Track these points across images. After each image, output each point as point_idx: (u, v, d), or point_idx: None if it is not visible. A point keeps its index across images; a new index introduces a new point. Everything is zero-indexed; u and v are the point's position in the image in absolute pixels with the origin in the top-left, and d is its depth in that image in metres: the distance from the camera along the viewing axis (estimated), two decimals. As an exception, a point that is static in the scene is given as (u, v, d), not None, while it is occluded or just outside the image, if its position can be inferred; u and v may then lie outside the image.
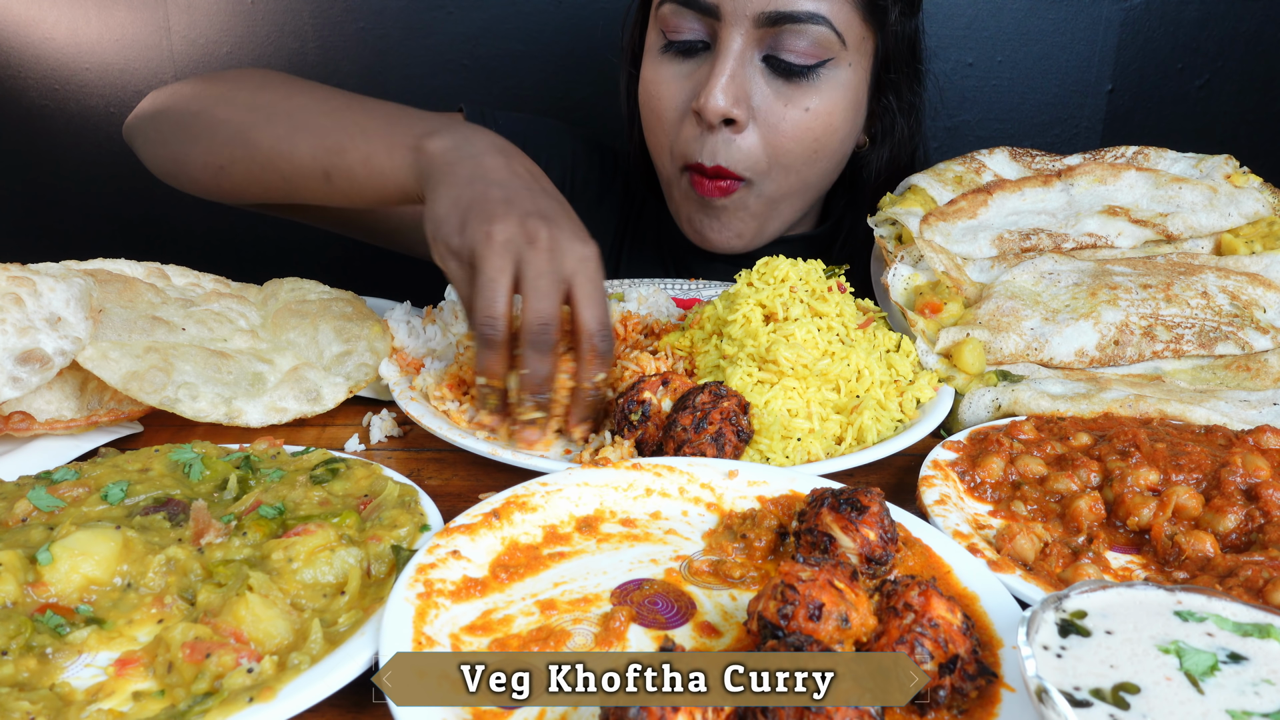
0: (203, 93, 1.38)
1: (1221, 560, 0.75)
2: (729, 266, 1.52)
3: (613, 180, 1.71)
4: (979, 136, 2.22)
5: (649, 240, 1.71)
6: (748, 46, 1.34)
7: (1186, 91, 2.21)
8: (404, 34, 2.18)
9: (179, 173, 1.40)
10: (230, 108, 1.33)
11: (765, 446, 0.96)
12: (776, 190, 1.44)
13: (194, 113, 1.36)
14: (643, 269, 1.71)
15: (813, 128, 1.38)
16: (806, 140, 1.39)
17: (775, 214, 1.49)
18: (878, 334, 1.14)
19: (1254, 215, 1.34)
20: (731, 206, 1.44)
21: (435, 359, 1.19)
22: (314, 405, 1.11)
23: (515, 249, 0.93)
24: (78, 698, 0.61)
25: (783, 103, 1.36)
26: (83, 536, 0.72)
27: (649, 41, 1.47)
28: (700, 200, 1.45)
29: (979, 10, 2.15)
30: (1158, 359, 1.17)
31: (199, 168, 1.35)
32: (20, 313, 1.01)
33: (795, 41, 1.32)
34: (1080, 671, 0.54)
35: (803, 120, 1.37)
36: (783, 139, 1.38)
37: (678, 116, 1.42)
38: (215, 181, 1.35)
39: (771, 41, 1.33)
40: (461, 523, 0.77)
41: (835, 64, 1.36)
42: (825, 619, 0.59)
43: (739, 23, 1.32)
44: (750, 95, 1.35)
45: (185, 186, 1.43)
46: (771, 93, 1.36)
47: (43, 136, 2.33)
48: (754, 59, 1.35)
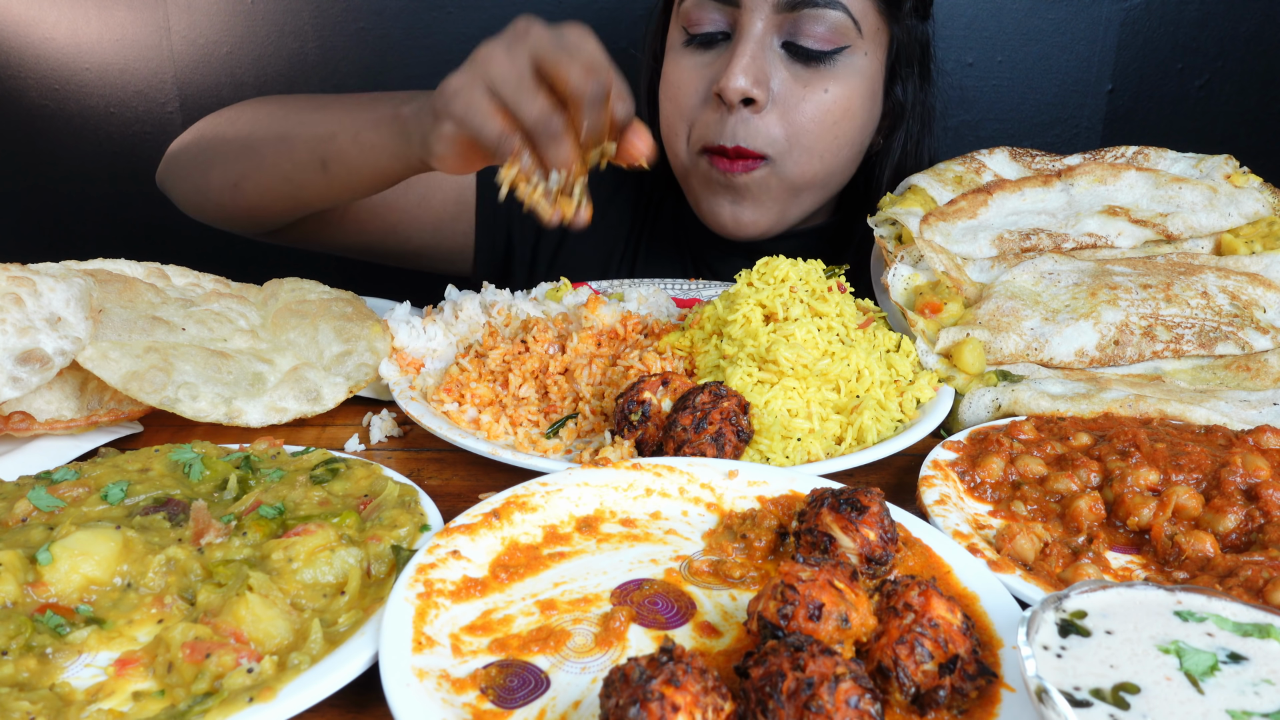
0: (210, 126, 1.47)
1: (1221, 560, 0.75)
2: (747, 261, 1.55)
3: (625, 177, 1.73)
4: (979, 136, 2.22)
5: (667, 237, 1.74)
6: (767, 32, 1.38)
7: (1186, 91, 2.21)
8: (404, 34, 2.18)
9: (204, 203, 1.48)
10: (234, 128, 1.41)
11: (765, 446, 0.95)
12: (798, 173, 1.46)
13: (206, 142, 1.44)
14: (661, 265, 1.73)
15: (831, 110, 1.42)
16: (826, 123, 1.43)
17: (796, 201, 1.52)
18: (878, 334, 1.14)
19: (1254, 215, 1.34)
20: (754, 186, 1.46)
21: (435, 359, 1.19)
22: (314, 405, 1.11)
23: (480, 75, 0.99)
24: (78, 698, 0.61)
25: (802, 85, 1.41)
26: (83, 536, 0.72)
27: (670, 40, 1.51)
28: (722, 181, 1.47)
29: (979, 10, 2.15)
30: (1158, 359, 1.17)
31: (218, 190, 1.43)
32: (20, 313, 1.01)
33: (813, 26, 1.37)
34: (1080, 671, 0.54)
35: (822, 102, 1.41)
36: (802, 119, 1.41)
37: (697, 102, 1.45)
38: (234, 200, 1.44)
39: (790, 27, 1.38)
40: (461, 523, 0.77)
41: (852, 51, 1.41)
42: (825, 619, 0.59)
43: (759, 8, 1.37)
44: (770, 78, 1.39)
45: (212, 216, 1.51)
46: (790, 76, 1.41)
47: (43, 136, 2.33)
48: (773, 44, 1.40)
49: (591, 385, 1.08)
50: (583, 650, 0.66)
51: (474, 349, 1.18)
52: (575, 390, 1.08)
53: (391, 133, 1.17)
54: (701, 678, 0.54)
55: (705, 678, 0.54)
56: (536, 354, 1.13)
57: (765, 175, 1.45)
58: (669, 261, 1.73)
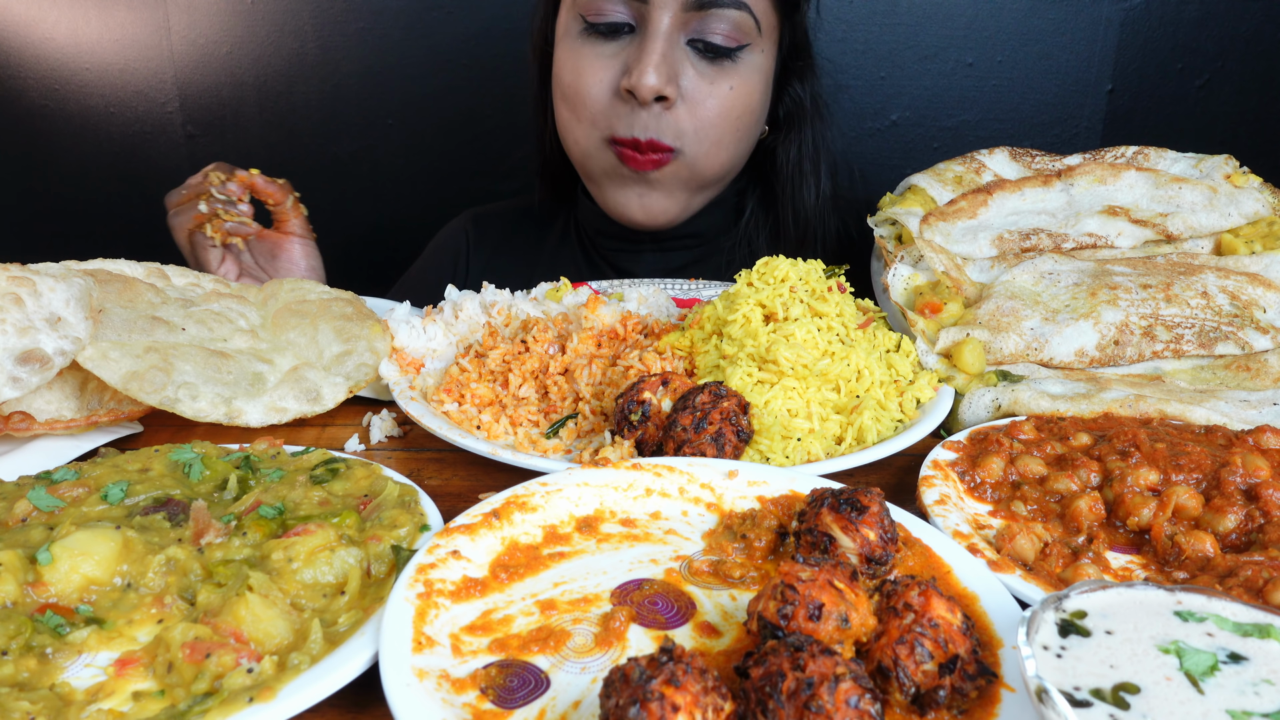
0: None
1: (1221, 560, 0.75)
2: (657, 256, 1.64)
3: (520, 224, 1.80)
4: (979, 136, 2.23)
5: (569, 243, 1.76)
6: (675, 29, 1.42)
7: (1186, 91, 2.21)
8: (404, 34, 2.19)
9: None
10: None
11: (765, 446, 0.95)
12: (706, 164, 1.50)
13: None
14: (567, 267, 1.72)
15: (735, 105, 1.48)
16: (730, 117, 1.48)
17: (702, 191, 1.57)
18: (878, 334, 1.14)
19: (1254, 215, 1.34)
20: (664, 179, 1.51)
21: (435, 359, 1.19)
22: (314, 405, 1.11)
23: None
24: (78, 698, 0.61)
25: (708, 82, 1.45)
26: (83, 536, 0.72)
27: (563, 27, 1.52)
28: (631, 176, 1.50)
29: (979, 10, 2.15)
30: (1158, 359, 1.17)
31: None
32: (20, 313, 1.01)
33: (719, 25, 1.42)
34: (1080, 671, 0.54)
35: (726, 97, 1.46)
36: (709, 113, 1.46)
37: (601, 93, 1.46)
38: None
39: (697, 25, 1.42)
40: (461, 523, 0.77)
41: (752, 48, 1.47)
42: (825, 619, 0.59)
43: (667, 6, 1.40)
44: (679, 75, 1.43)
45: None
46: (696, 73, 1.45)
47: (43, 136, 2.33)
48: (680, 41, 1.43)
49: (591, 385, 1.08)
50: (583, 650, 0.66)
51: (474, 349, 1.18)
52: (575, 390, 1.08)
53: None
54: (701, 678, 0.54)
55: (705, 678, 0.54)
56: (536, 354, 1.13)
57: (675, 168, 1.49)
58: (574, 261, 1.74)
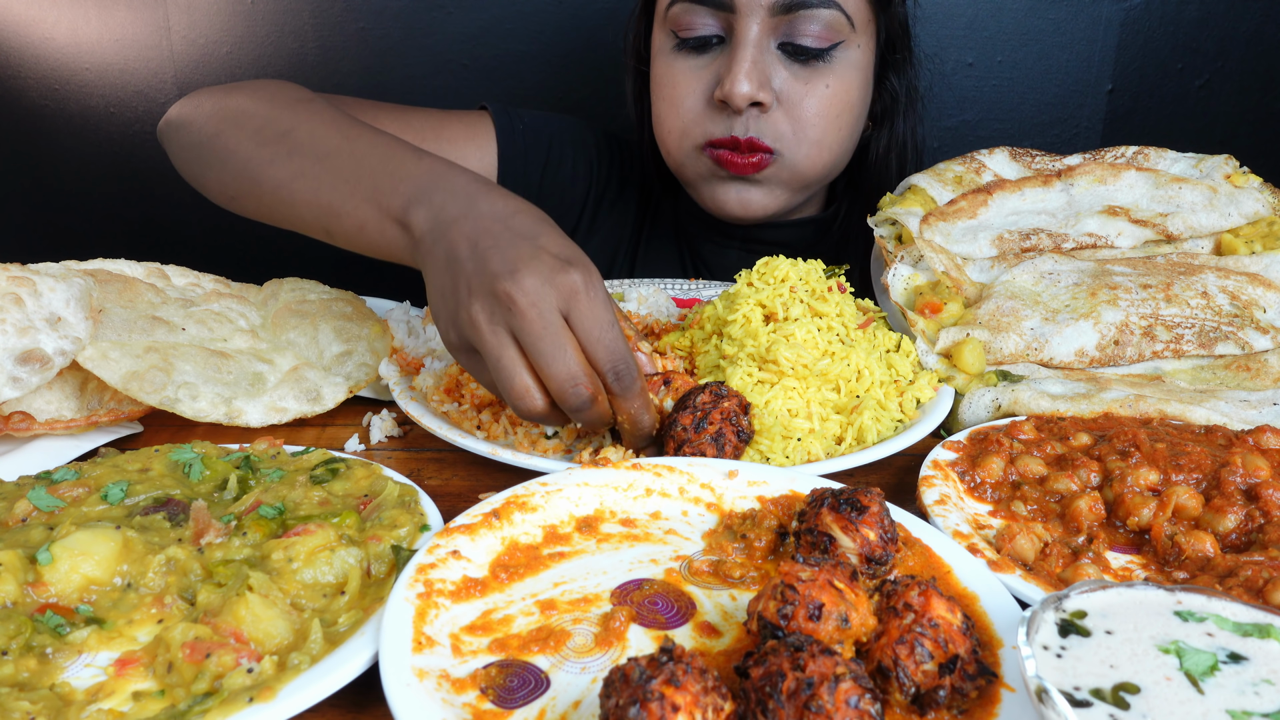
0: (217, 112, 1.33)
1: (1221, 560, 0.75)
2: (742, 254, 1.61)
3: (630, 172, 1.76)
4: (979, 136, 2.23)
5: (666, 233, 1.76)
6: (764, 34, 1.39)
7: (1186, 91, 2.21)
8: (404, 34, 2.19)
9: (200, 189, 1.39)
10: (239, 136, 1.28)
11: (765, 446, 0.95)
12: (808, 166, 1.48)
13: (208, 136, 1.31)
14: (660, 260, 1.75)
15: (833, 105, 1.45)
16: (829, 116, 1.45)
17: (803, 190, 1.54)
18: (878, 334, 1.14)
19: (1254, 215, 1.34)
20: (765, 179, 1.48)
21: (435, 359, 1.19)
22: (314, 405, 1.11)
23: (502, 320, 0.88)
24: (78, 698, 0.61)
25: (802, 84, 1.42)
26: (83, 536, 0.72)
27: (657, 44, 1.51)
28: (730, 176, 1.48)
29: (979, 10, 2.15)
30: (1158, 359, 1.17)
31: (214, 193, 1.35)
32: (20, 313, 1.01)
33: (809, 26, 1.39)
34: (1080, 671, 0.54)
35: (824, 97, 1.43)
36: (807, 114, 1.43)
37: (696, 104, 1.45)
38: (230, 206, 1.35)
39: (786, 28, 1.39)
40: (461, 523, 0.77)
41: (846, 45, 1.43)
42: (825, 619, 0.59)
43: (754, 13, 1.37)
44: (771, 80, 1.41)
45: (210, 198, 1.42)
46: (790, 76, 1.42)
47: (43, 136, 2.33)
48: (770, 46, 1.41)
49: (591, 385, 1.08)
50: (583, 650, 0.66)
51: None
52: (575, 390, 1.08)
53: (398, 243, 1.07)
54: (701, 678, 0.54)
55: (705, 678, 0.54)
56: (536, 354, 1.13)
57: (775, 170, 1.47)
58: (667, 256, 1.75)
